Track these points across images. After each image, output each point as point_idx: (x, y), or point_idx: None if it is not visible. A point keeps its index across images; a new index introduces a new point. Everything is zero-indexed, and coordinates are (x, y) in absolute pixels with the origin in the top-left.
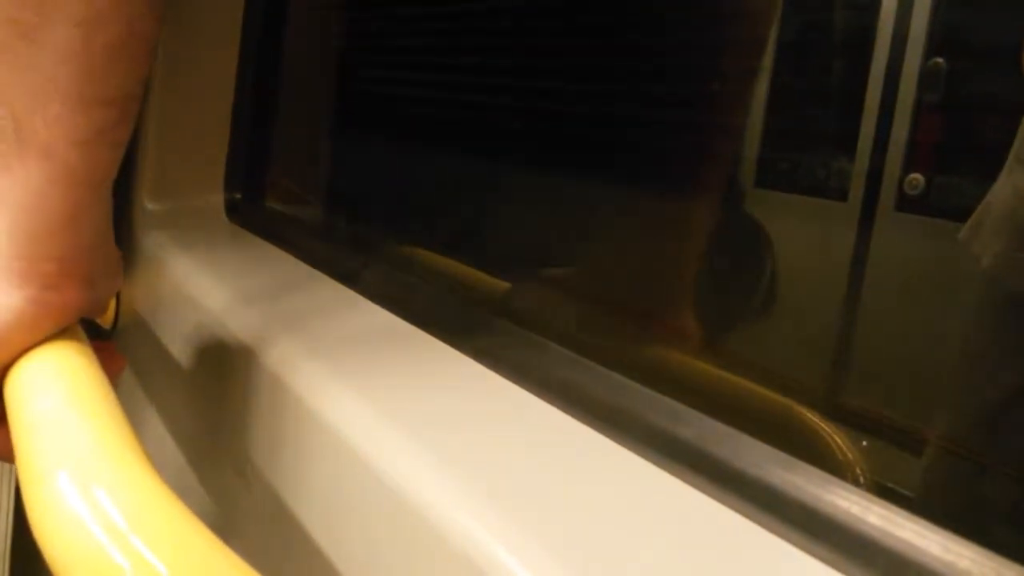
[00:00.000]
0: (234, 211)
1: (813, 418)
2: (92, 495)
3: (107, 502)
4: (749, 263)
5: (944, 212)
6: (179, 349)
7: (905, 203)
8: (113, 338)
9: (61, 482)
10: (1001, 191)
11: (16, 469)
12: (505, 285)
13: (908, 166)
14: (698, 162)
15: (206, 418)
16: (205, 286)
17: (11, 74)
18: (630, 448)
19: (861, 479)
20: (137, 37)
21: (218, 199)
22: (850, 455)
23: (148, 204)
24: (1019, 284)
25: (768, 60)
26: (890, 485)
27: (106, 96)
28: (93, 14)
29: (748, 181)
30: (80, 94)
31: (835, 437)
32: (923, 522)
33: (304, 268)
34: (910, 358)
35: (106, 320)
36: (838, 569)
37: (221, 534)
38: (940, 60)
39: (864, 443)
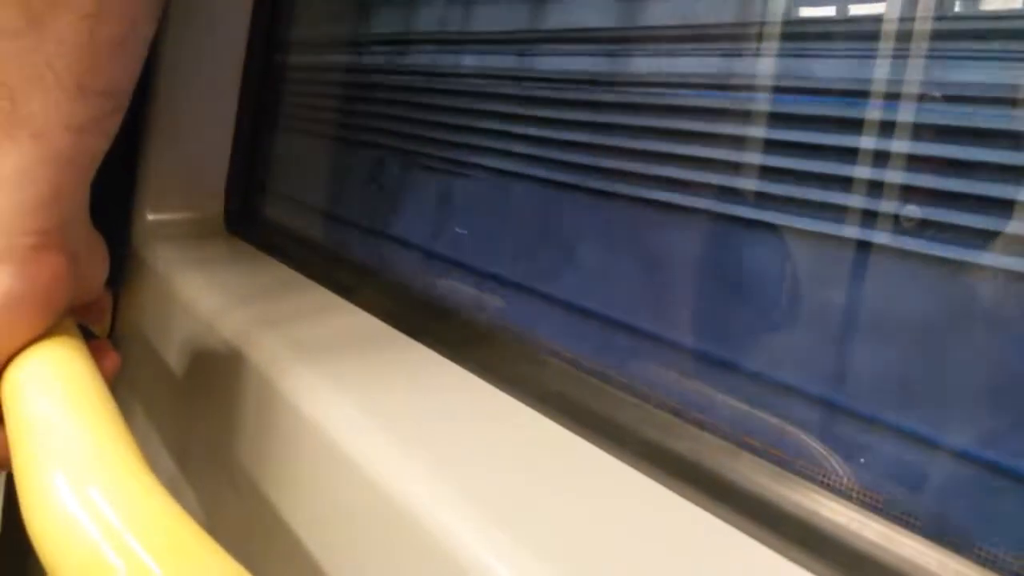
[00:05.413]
0: (233, 223)
1: (808, 440)
2: (87, 495)
3: (102, 502)
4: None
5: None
6: (175, 358)
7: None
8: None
9: (57, 482)
10: None
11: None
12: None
13: (904, 198)
14: None
15: (201, 425)
16: (202, 296)
17: (15, 57)
18: (623, 460)
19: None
20: (137, 35)
21: (218, 211)
22: (845, 479)
23: (149, 215)
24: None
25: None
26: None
27: (103, 87)
28: (99, 9)
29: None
30: (79, 83)
31: (830, 459)
32: (921, 539)
33: (301, 279)
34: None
35: (102, 330)
36: None
37: (214, 535)
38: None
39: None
